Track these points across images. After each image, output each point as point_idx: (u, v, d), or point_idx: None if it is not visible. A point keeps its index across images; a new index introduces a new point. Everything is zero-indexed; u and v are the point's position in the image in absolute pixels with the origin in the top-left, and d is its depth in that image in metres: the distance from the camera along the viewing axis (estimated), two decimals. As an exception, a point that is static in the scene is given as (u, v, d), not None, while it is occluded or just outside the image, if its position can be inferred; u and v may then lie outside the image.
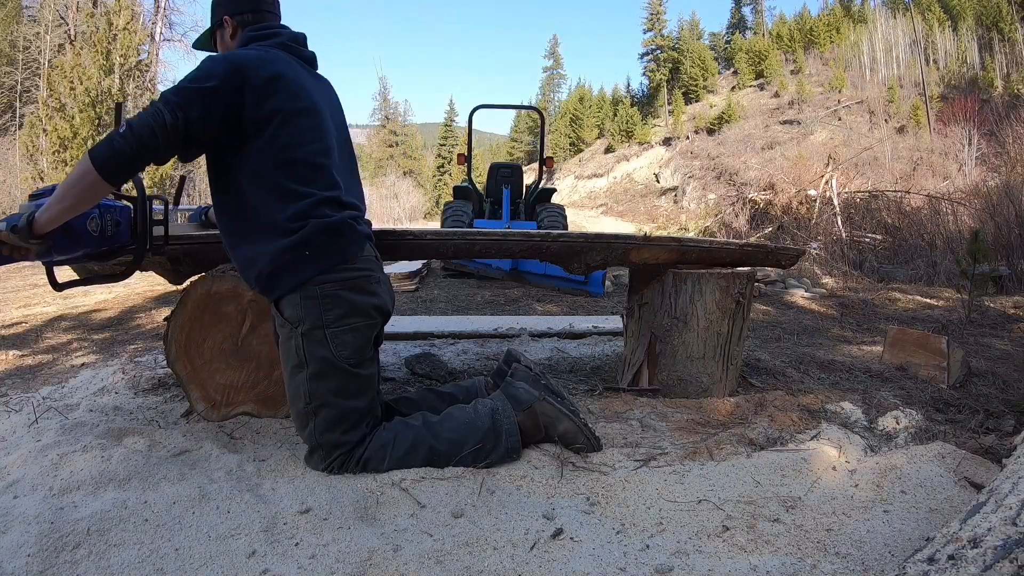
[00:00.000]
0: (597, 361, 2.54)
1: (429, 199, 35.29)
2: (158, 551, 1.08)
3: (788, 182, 14.07)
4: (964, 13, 30.76)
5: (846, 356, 2.78)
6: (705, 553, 1.06)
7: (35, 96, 20.27)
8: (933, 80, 28.47)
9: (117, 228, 1.42)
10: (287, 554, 1.08)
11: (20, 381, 2.35)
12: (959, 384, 2.30)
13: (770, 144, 25.02)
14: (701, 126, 31.25)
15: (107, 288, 4.83)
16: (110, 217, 1.39)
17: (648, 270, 2.06)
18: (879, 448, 1.55)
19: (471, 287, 5.14)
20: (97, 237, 1.36)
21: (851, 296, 4.73)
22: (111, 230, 1.39)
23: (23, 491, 1.27)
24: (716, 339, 1.96)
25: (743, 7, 44.33)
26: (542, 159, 6.97)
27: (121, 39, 15.73)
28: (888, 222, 8.62)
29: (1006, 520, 0.83)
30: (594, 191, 30.96)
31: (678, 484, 1.31)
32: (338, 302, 1.36)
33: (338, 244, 1.38)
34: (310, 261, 1.35)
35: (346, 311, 1.36)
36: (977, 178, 13.63)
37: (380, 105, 43.28)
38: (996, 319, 3.84)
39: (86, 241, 1.33)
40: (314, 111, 1.41)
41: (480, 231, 1.95)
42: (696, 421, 1.74)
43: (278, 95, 1.33)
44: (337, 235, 1.38)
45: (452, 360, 2.57)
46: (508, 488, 1.31)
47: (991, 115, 19.60)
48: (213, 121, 1.27)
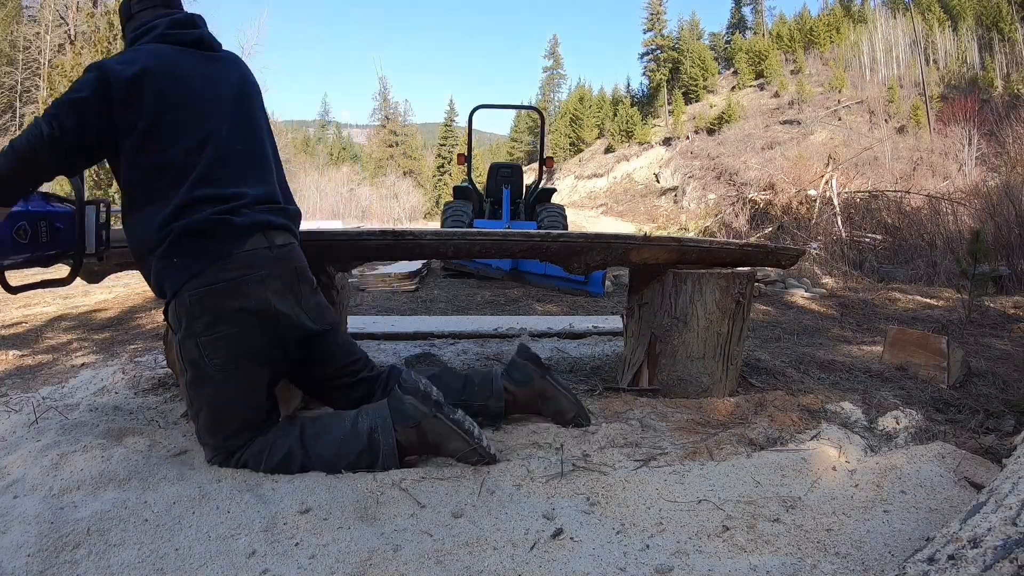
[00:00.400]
0: (597, 361, 2.54)
1: (429, 199, 35.31)
2: (158, 551, 1.08)
3: (788, 182, 14.08)
4: (964, 13, 30.78)
5: (846, 356, 2.78)
6: (705, 553, 1.06)
7: (35, 96, 20.29)
8: (933, 80, 28.49)
9: (56, 233, 1.42)
10: (287, 554, 1.08)
11: (20, 381, 2.35)
12: (959, 384, 2.30)
13: (770, 144, 25.04)
14: (701, 126, 31.27)
15: (107, 288, 4.83)
16: (45, 223, 1.39)
17: (648, 270, 2.06)
18: (879, 448, 1.55)
19: (471, 287, 5.14)
20: (27, 244, 1.36)
21: (851, 296, 4.73)
22: (46, 236, 1.40)
23: (23, 491, 1.27)
24: (716, 339, 1.96)
25: (743, 7, 44.37)
26: (542, 159, 6.98)
27: (121, 39, 15.76)
28: (888, 222, 8.63)
29: (1006, 520, 0.83)
30: (594, 191, 30.97)
31: (678, 484, 1.31)
32: (204, 310, 1.31)
33: (205, 245, 1.31)
34: (180, 268, 1.31)
35: (212, 319, 1.31)
36: (977, 178, 13.64)
37: (380, 105, 43.33)
38: (996, 319, 3.84)
39: (16, 248, 1.34)
40: (184, 104, 1.35)
41: (480, 231, 1.95)
42: (696, 421, 1.74)
43: (142, 97, 1.29)
44: (201, 236, 1.31)
45: (452, 360, 2.57)
46: (508, 488, 1.31)
47: (991, 115, 19.61)
48: (87, 131, 1.26)
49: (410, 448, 1.40)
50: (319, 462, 1.37)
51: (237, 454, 1.38)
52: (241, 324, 1.33)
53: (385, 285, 4.96)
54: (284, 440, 1.38)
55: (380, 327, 3.25)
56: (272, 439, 1.39)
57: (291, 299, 1.40)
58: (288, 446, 1.37)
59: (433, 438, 1.39)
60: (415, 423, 1.38)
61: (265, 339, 1.37)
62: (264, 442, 1.38)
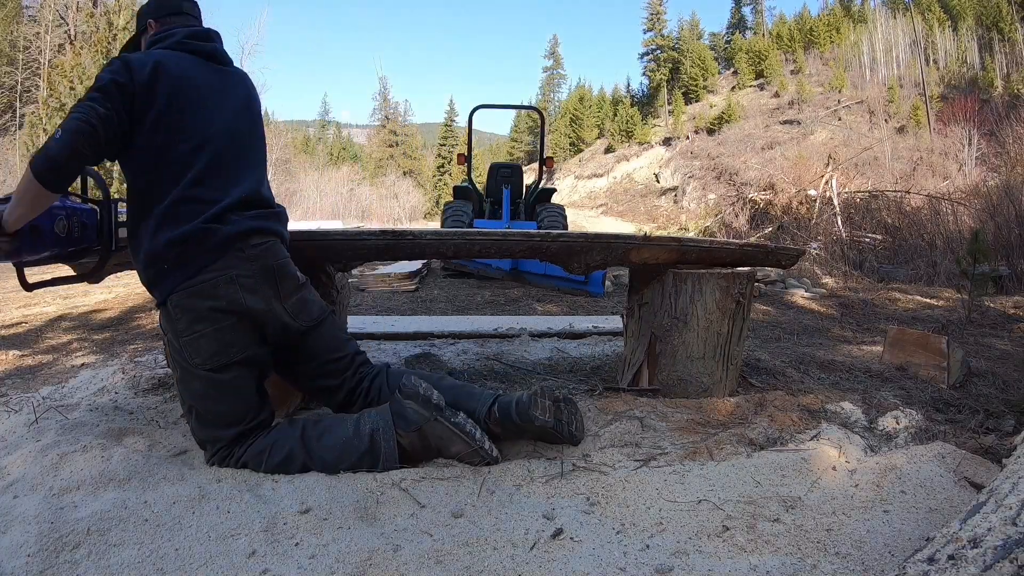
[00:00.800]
0: (597, 361, 2.54)
1: (429, 199, 35.32)
2: (158, 551, 1.08)
3: (788, 182, 14.07)
4: (964, 13, 30.79)
5: (846, 356, 2.78)
6: (705, 553, 1.06)
7: (35, 96, 20.30)
8: (933, 80, 28.49)
9: (84, 230, 1.47)
10: (287, 554, 1.08)
11: (20, 381, 2.35)
12: (959, 384, 2.30)
13: (770, 144, 25.04)
14: (701, 126, 31.27)
15: (107, 288, 4.83)
16: (76, 219, 1.44)
17: (648, 270, 2.06)
18: (879, 448, 1.55)
19: (471, 287, 5.14)
20: (64, 238, 1.41)
21: (851, 296, 4.73)
22: (78, 232, 1.45)
23: (23, 491, 1.27)
24: (716, 339, 1.96)
25: (743, 7, 44.37)
26: (542, 159, 6.98)
27: (121, 39, 15.76)
28: (888, 222, 8.63)
29: (1006, 520, 0.83)
30: (594, 191, 30.98)
31: (678, 484, 1.31)
32: (185, 311, 1.36)
33: (194, 254, 1.36)
34: (169, 274, 1.36)
35: (192, 318, 1.36)
36: (977, 178, 13.63)
37: (380, 105, 43.35)
38: (996, 319, 3.84)
39: (53, 242, 1.38)
40: (189, 106, 1.40)
41: (480, 231, 1.95)
42: (696, 421, 1.74)
43: (156, 90, 1.35)
44: (190, 244, 1.35)
45: (452, 360, 2.57)
46: (508, 488, 1.31)
47: (991, 115, 19.61)
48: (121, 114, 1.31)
49: (413, 451, 1.41)
50: (320, 463, 1.38)
51: (237, 453, 1.40)
52: (217, 323, 1.37)
53: (385, 285, 4.96)
54: (285, 441, 1.40)
55: (380, 327, 3.25)
56: (273, 439, 1.40)
57: (266, 295, 1.43)
58: (289, 447, 1.39)
59: (435, 442, 1.40)
60: (417, 427, 1.39)
61: (242, 336, 1.40)
62: (265, 442, 1.40)
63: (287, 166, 25.39)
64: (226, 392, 1.40)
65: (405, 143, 41.77)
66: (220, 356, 1.38)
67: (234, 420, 1.40)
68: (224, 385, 1.39)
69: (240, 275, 1.39)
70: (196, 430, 1.43)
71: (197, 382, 1.39)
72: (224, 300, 1.37)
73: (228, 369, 1.39)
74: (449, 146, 40.45)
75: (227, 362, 1.39)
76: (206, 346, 1.37)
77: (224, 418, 1.40)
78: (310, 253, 1.81)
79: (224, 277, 1.37)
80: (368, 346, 2.91)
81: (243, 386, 1.43)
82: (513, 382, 2.25)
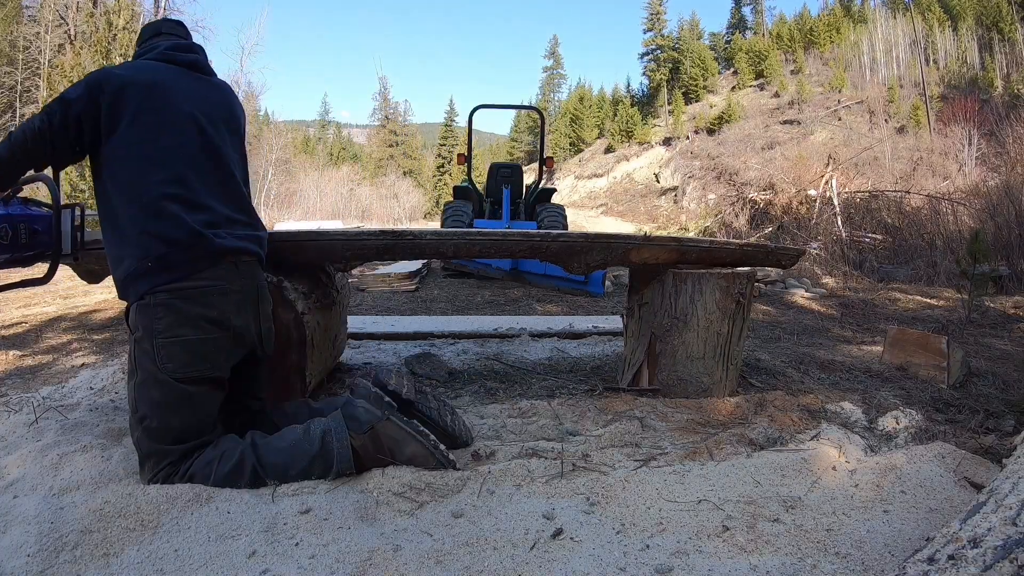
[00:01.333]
0: (597, 361, 2.54)
1: (429, 199, 35.33)
2: (158, 551, 1.08)
3: (788, 182, 14.05)
4: (964, 13, 30.79)
5: (846, 356, 2.78)
6: (705, 553, 1.06)
7: (35, 96, 20.27)
8: (933, 80, 28.49)
9: (34, 236, 1.49)
10: (287, 554, 1.07)
11: (20, 381, 2.35)
12: (959, 384, 2.30)
13: (770, 144, 25.04)
14: (701, 126, 31.28)
15: (107, 288, 4.83)
16: (24, 226, 1.47)
17: (648, 270, 2.06)
18: (879, 448, 1.55)
19: (471, 287, 5.14)
20: (8, 245, 1.43)
21: (851, 296, 4.73)
22: (25, 238, 1.47)
23: (23, 491, 1.27)
24: (716, 339, 1.96)
25: (743, 7, 44.35)
26: (542, 159, 6.98)
27: (121, 39, 15.77)
28: (888, 222, 8.62)
29: (1006, 520, 0.83)
30: (594, 191, 30.99)
31: (678, 484, 1.31)
32: (168, 311, 1.32)
33: (182, 256, 1.34)
34: (153, 272, 1.33)
35: (174, 321, 1.32)
36: (977, 178, 13.62)
37: (380, 105, 43.32)
38: (996, 319, 3.84)
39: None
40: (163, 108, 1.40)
41: (480, 231, 1.95)
42: (696, 421, 1.74)
43: (125, 100, 1.36)
44: (177, 247, 1.34)
45: (452, 360, 2.57)
46: (508, 488, 1.31)
47: (991, 115, 19.60)
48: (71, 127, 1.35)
49: (366, 455, 1.35)
50: (272, 469, 1.32)
51: (183, 468, 1.32)
52: (204, 333, 1.34)
53: (385, 285, 4.96)
54: (234, 451, 1.34)
55: (380, 327, 3.25)
56: (222, 449, 1.34)
57: (249, 315, 1.42)
58: (239, 456, 1.33)
59: (388, 442, 1.34)
60: (368, 427, 1.34)
61: (221, 353, 1.37)
62: (214, 452, 1.34)
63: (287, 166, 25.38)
64: (186, 406, 1.33)
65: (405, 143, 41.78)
66: (194, 368, 1.33)
67: (186, 436, 1.33)
68: (187, 398, 1.33)
69: (231, 290, 1.38)
70: (141, 442, 1.33)
71: (158, 390, 1.32)
72: (216, 311, 1.35)
73: (198, 383, 1.34)
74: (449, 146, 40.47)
75: (199, 376, 1.33)
76: (182, 353, 1.32)
77: (176, 433, 1.32)
78: (310, 253, 1.81)
79: (217, 288, 1.35)
80: (368, 346, 2.90)
81: (206, 403, 1.37)
82: (513, 382, 2.25)
